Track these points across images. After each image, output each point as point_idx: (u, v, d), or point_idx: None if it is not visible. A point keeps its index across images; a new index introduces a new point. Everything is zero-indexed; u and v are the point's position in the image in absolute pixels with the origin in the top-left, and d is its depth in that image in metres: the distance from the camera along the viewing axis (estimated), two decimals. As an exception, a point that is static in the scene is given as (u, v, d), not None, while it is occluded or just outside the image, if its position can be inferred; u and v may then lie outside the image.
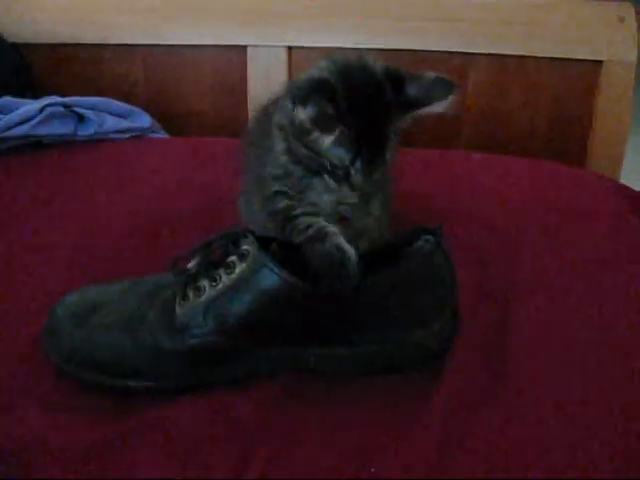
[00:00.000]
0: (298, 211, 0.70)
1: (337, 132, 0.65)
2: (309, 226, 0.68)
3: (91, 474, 0.57)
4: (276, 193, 0.71)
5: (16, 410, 0.63)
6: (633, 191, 1.05)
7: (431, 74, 0.67)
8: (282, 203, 0.70)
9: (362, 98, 0.65)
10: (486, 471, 0.58)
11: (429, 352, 0.68)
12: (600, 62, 1.25)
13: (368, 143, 0.65)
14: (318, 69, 0.67)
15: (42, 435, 0.60)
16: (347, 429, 0.62)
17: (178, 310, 0.65)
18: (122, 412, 0.63)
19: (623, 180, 1.22)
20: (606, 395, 0.65)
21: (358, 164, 0.66)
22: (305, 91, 0.64)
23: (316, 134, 0.65)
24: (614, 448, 0.60)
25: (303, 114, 0.64)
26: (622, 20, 1.24)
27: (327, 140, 0.65)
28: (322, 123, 0.64)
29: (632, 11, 1.25)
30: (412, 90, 0.66)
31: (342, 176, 0.67)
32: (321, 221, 0.68)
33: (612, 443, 0.60)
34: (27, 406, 0.63)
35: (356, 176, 0.67)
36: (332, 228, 0.67)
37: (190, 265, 0.67)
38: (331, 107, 0.63)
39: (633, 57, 1.24)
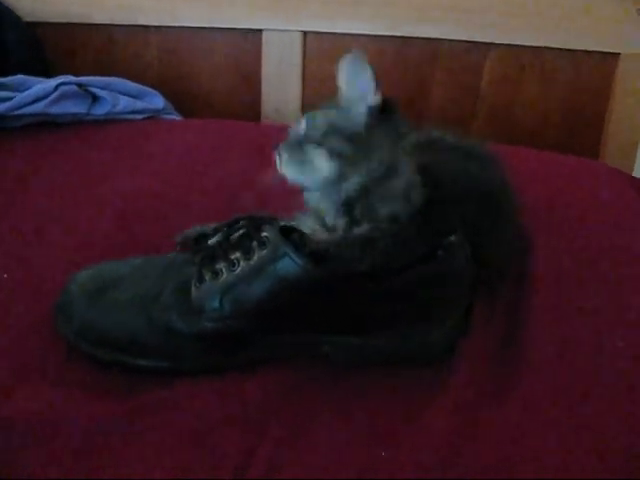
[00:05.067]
0: None
1: None
2: None
3: (100, 449, 0.57)
4: None
5: (28, 384, 0.63)
6: (648, 184, 1.04)
7: None
8: None
9: None
10: (498, 459, 0.58)
11: (441, 349, 0.68)
12: (617, 55, 1.24)
13: None
14: None
15: (53, 410, 0.60)
16: (358, 415, 0.62)
17: (194, 292, 0.64)
18: (133, 390, 0.63)
19: (637, 173, 1.21)
20: (620, 388, 0.65)
21: None
22: None
23: None
24: (629, 443, 0.60)
25: None
26: (640, 13, 1.23)
27: None
28: None
29: (651, 4, 1.24)
30: None
31: None
32: None
33: (627, 438, 0.60)
34: (38, 381, 0.63)
35: None
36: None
37: (210, 242, 0.66)
38: None
39: (650, 50, 1.22)
